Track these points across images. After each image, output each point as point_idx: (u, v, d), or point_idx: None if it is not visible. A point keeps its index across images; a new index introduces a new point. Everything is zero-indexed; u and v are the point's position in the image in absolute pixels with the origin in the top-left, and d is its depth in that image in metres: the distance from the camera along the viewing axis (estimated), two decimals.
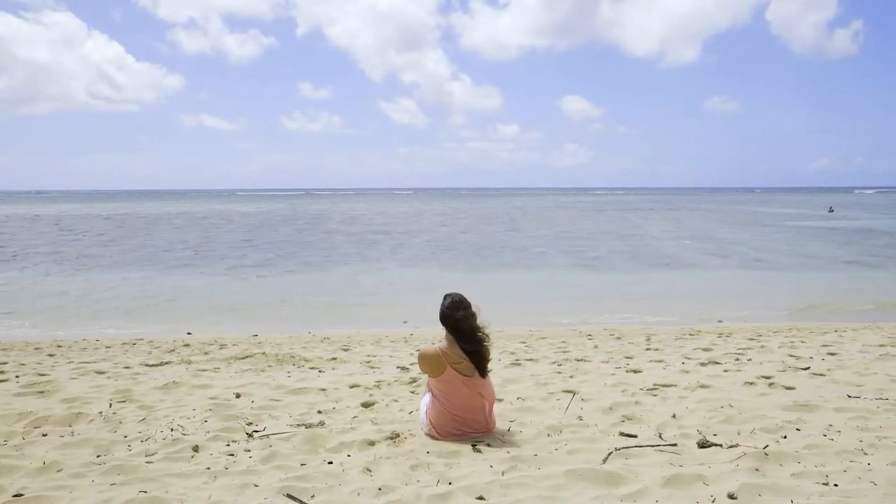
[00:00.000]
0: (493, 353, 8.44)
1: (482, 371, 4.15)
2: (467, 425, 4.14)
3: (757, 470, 3.36)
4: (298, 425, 4.52)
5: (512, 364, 7.47)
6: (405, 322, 12.45)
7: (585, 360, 7.67)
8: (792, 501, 2.97)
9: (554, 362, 7.58)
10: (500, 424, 4.49)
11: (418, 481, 3.35)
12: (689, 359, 7.64)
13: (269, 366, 7.62)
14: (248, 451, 3.92)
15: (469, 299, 4.27)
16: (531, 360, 7.85)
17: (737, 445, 3.85)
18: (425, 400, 4.35)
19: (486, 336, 4.19)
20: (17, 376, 6.56)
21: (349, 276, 20.23)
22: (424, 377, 4.80)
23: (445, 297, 4.28)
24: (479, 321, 4.21)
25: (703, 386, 5.81)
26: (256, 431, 4.33)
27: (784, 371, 6.54)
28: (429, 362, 4.17)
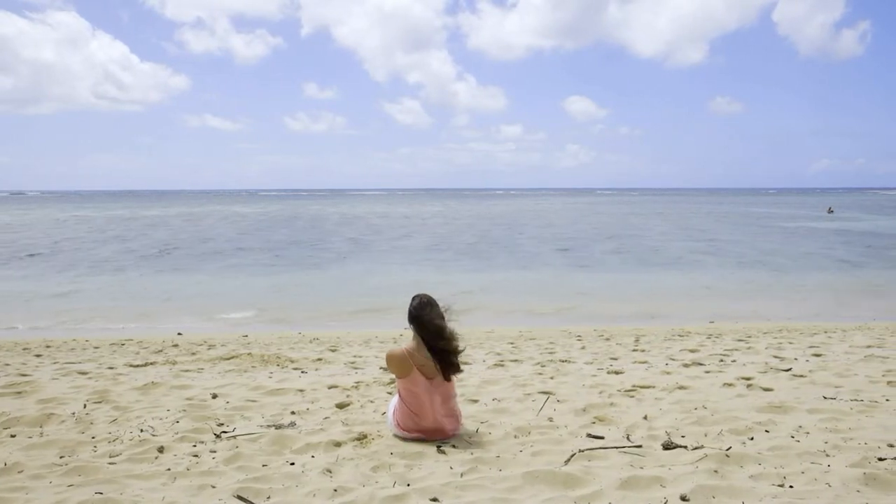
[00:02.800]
0: (479, 354, 8.50)
1: (446, 374, 4.14)
2: (432, 427, 4.13)
3: (716, 472, 3.35)
4: (269, 426, 4.52)
5: (495, 365, 7.46)
6: None
7: (569, 362, 7.66)
8: (743, 503, 2.97)
9: (538, 363, 7.57)
10: (471, 425, 4.48)
11: (377, 482, 3.35)
12: (673, 360, 7.63)
13: (253, 366, 7.61)
14: (214, 452, 3.92)
15: (438, 300, 4.26)
16: (515, 360, 7.84)
17: (701, 447, 3.84)
18: (394, 401, 4.35)
19: (454, 338, 4.18)
20: None
21: (345, 276, 20.28)
22: None
23: (414, 297, 4.28)
24: (448, 323, 4.20)
25: (681, 387, 5.80)
26: (225, 432, 4.33)
27: (765, 372, 6.52)
28: (395, 363, 4.16)
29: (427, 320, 4.10)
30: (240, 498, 3.04)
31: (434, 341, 4.10)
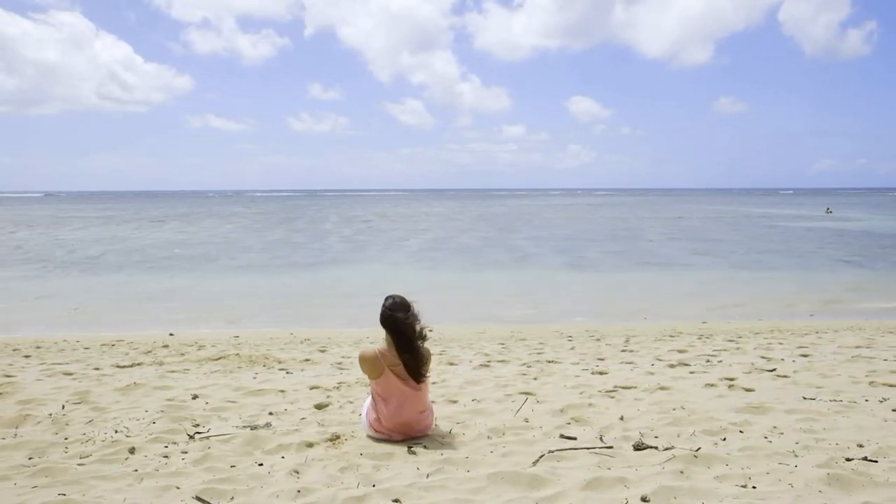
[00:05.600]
0: (468, 355, 8.49)
1: (417, 375, 4.14)
2: (405, 427, 4.13)
3: (681, 472, 3.34)
4: (244, 427, 4.52)
5: (481, 366, 7.45)
6: None
7: (556, 362, 7.64)
8: (703, 503, 2.96)
9: (524, 363, 7.55)
10: (447, 426, 4.47)
11: (342, 483, 3.34)
12: (660, 360, 7.62)
13: (240, 367, 7.61)
14: (185, 452, 3.92)
15: (409, 301, 4.26)
16: (502, 361, 7.83)
17: (672, 448, 3.83)
18: (367, 401, 4.35)
19: (424, 339, 4.18)
20: None
21: (340, 275, 20.29)
22: None
23: (386, 298, 4.27)
24: (420, 325, 4.19)
25: (662, 388, 5.79)
26: (199, 433, 4.33)
27: (749, 373, 6.51)
28: (367, 364, 4.16)
29: (397, 324, 4.09)
30: (199, 499, 3.04)
31: (402, 346, 4.09)
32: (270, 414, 4.95)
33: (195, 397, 5.54)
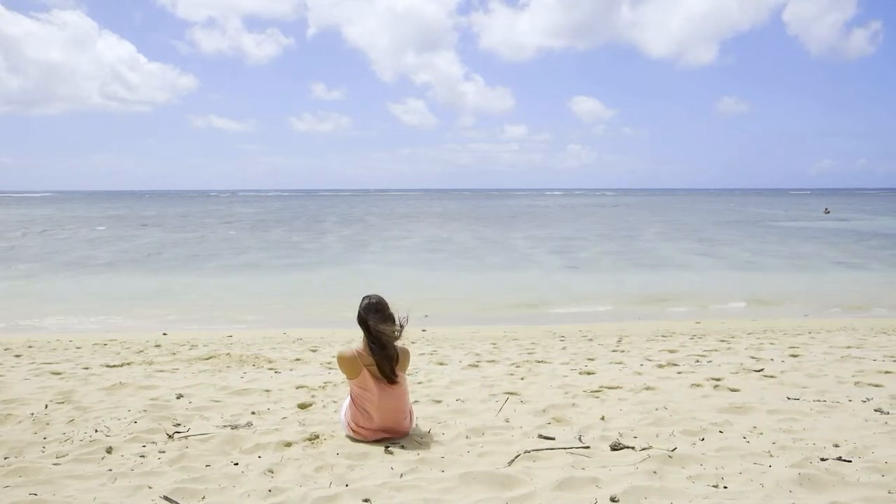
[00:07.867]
0: (458, 355, 8.49)
1: (387, 376, 4.13)
2: (383, 427, 4.13)
3: (655, 472, 3.34)
4: (225, 426, 4.51)
5: (469, 366, 7.44)
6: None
7: (545, 362, 7.63)
8: (672, 503, 2.95)
9: (513, 363, 7.54)
10: (427, 426, 4.47)
11: (315, 483, 3.34)
12: (649, 360, 7.60)
13: (229, 367, 7.61)
14: (162, 452, 3.91)
15: (386, 301, 4.26)
16: (492, 361, 7.82)
17: (649, 448, 3.82)
18: (346, 401, 4.35)
19: (398, 339, 4.18)
20: None
21: (337, 275, 20.30)
22: None
23: (363, 299, 4.28)
24: (397, 325, 4.19)
25: (648, 388, 5.78)
26: (178, 433, 4.33)
27: (737, 373, 6.50)
28: (345, 363, 4.17)
29: (371, 325, 4.10)
30: (167, 499, 3.04)
31: (375, 347, 4.10)
32: (253, 413, 4.94)
33: (180, 397, 5.53)
